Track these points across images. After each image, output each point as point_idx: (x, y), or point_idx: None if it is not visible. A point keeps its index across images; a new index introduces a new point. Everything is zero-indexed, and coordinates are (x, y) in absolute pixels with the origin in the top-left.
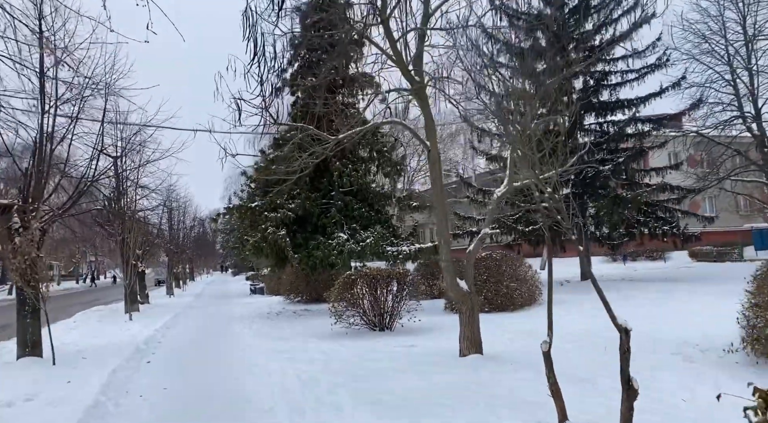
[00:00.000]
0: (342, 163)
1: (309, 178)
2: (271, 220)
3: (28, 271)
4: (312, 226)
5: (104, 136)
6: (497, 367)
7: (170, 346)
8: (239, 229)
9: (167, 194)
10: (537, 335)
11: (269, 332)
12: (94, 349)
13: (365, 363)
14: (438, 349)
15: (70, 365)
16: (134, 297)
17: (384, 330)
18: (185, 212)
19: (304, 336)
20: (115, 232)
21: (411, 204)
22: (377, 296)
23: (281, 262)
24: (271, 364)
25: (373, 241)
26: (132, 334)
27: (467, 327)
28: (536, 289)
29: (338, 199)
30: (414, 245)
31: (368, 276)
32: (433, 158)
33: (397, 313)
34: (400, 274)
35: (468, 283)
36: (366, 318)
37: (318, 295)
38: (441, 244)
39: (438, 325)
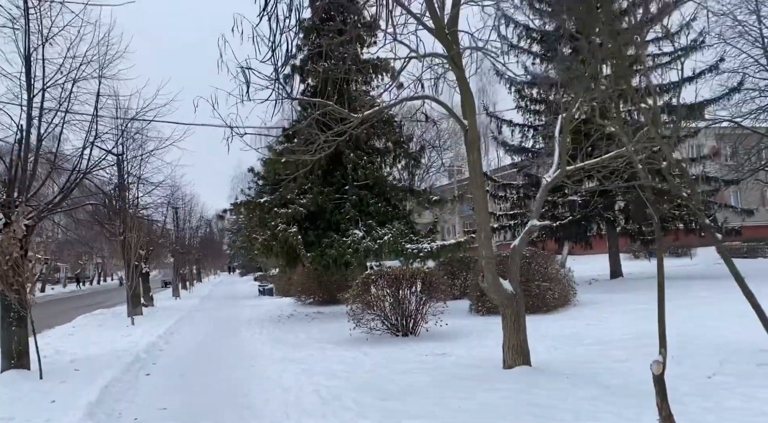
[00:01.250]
0: (356, 154)
1: (321, 171)
2: (281, 217)
3: (10, 273)
4: (325, 223)
5: (100, 124)
6: (551, 382)
7: (173, 354)
8: (247, 228)
9: (171, 192)
10: (581, 341)
11: (281, 338)
12: (89, 359)
13: (394, 376)
14: (475, 359)
15: (59, 379)
16: (137, 300)
17: (407, 335)
18: (191, 211)
19: (320, 342)
20: (115, 231)
21: (431, 198)
22: (400, 298)
23: (292, 262)
24: (286, 377)
25: (392, 238)
26: (132, 341)
27: (512, 334)
28: (569, 290)
29: (353, 194)
30: (435, 242)
31: (390, 276)
32: (471, 139)
33: (422, 317)
34: (426, 274)
35: (513, 283)
36: (387, 322)
37: (331, 296)
38: (481, 238)
39: (466, 330)
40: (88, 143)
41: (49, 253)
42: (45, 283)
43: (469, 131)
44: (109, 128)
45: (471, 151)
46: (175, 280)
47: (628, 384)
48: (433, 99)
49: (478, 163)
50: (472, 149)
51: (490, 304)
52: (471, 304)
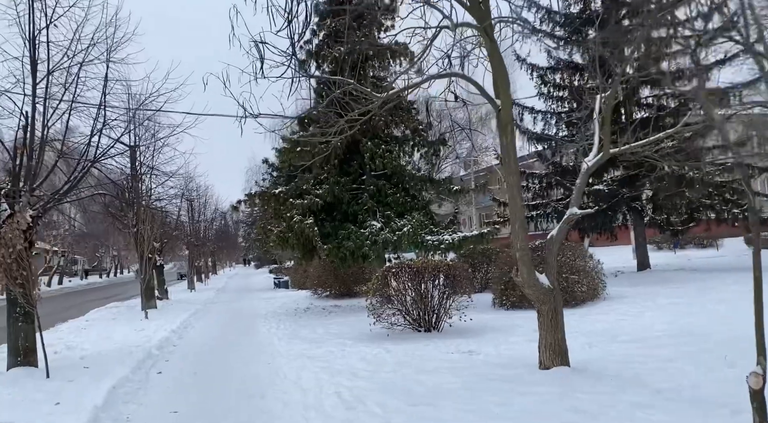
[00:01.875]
0: (374, 143)
1: (338, 161)
2: (297, 208)
3: (14, 267)
4: (341, 214)
5: (108, 111)
6: (594, 384)
7: (186, 350)
8: (262, 219)
9: (186, 183)
10: (616, 337)
11: (299, 333)
12: (100, 355)
13: (421, 376)
14: (505, 358)
15: (67, 377)
16: (151, 293)
17: (430, 331)
18: (206, 203)
19: (339, 338)
20: (128, 222)
21: (451, 188)
22: (422, 292)
23: (308, 254)
24: (305, 376)
25: (411, 229)
26: (145, 336)
27: (549, 332)
28: (599, 282)
29: (370, 184)
30: (456, 233)
31: (412, 269)
32: (505, 119)
33: (446, 312)
34: (450, 267)
35: (550, 277)
36: (409, 317)
37: (348, 289)
38: (515, 229)
39: (492, 325)
40: (96, 130)
41: (66, 245)
42: (63, 275)
43: (503, 111)
44: (118, 115)
45: (504, 134)
46: (190, 272)
47: (681, 388)
48: (463, 76)
49: (512, 146)
50: (505, 131)
51: (515, 297)
52: (494, 298)
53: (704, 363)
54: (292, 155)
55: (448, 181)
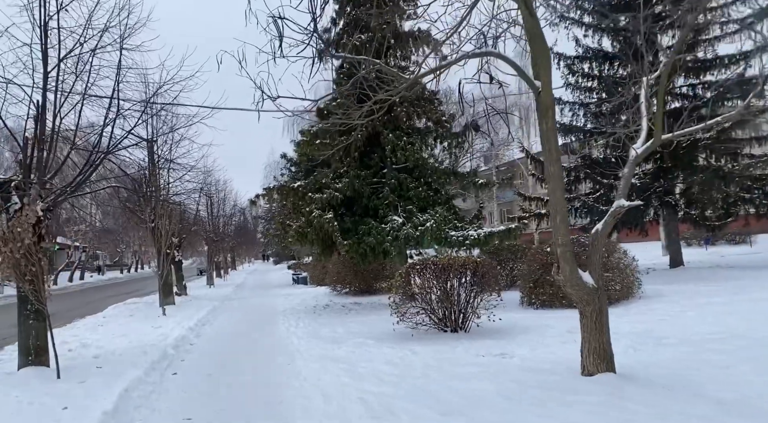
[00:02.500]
0: (395, 135)
1: (358, 154)
2: (316, 202)
3: (22, 262)
4: (362, 209)
5: (123, 101)
6: (646, 394)
7: (203, 350)
8: (280, 214)
9: (204, 178)
10: (661, 340)
11: (319, 331)
12: (114, 354)
13: (452, 382)
14: (542, 361)
15: (78, 378)
16: (169, 289)
17: (457, 331)
18: (225, 199)
19: (360, 337)
20: (145, 217)
21: (476, 181)
22: (449, 290)
23: (327, 250)
24: (326, 380)
25: (435, 224)
26: (162, 334)
27: (594, 335)
28: (634, 280)
29: (391, 178)
30: (482, 229)
31: (437, 266)
32: (545, 103)
33: (474, 311)
34: (478, 264)
35: (594, 275)
36: (434, 316)
37: (368, 286)
38: (556, 222)
39: (522, 325)
40: (109, 120)
41: (87, 241)
42: (84, 270)
43: (543, 94)
44: (132, 105)
45: (545, 118)
46: (210, 268)
47: (747, 399)
48: (500, 56)
49: (553, 132)
50: (546, 116)
51: (545, 296)
52: (522, 296)
53: (767, 370)
54: (311, 148)
55: (472, 174)
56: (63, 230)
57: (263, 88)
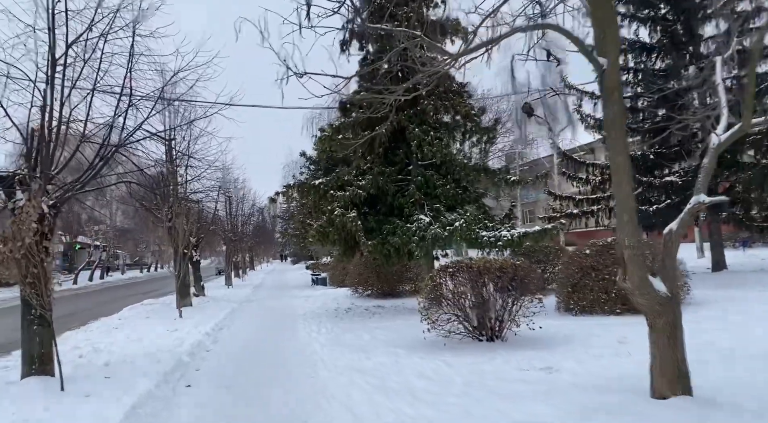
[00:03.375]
0: (422, 129)
1: (382, 149)
2: (339, 200)
3: (23, 264)
4: (386, 207)
5: (135, 91)
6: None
7: (220, 358)
8: (300, 213)
9: (223, 175)
10: (732, 353)
11: (342, 338)
12: (125, 362)
13: (500, 404)
14: (596, 377)
15: (84, 391)
16: (186, 290)
17: (493, 340)
18: (243, 198)
19: (388, 346)
20: (162, 216)
21: (508, 178)
22: (484, 296)
23: (350, 251)
24: (355, 397)
25: (465, 224)
26: (177, 338)
27: (666, 352)
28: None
29: (417, 174)
30: (515, 229)
31: (472, 268)
32: (611, 83)
33: (512, 318)
34: (516, 267)
35: (669, 283)
36: (468, 324)
37: (391, 288)
38: (623, 220)
39: (563, 334)
40: (121, 111)
41: (107, 240)
42: (104, 269)
43: (609, 72)
44: (145, 94)
45: (610, 101)
46: (228, 268)
47: None
48: (558, 29)
49: (620, 117)
50: (611, 98)
51: (585, 302)
52: (559, 302)
53: None
54: (333, 143)
55: (504, 171)
56: (84, 229)
57: (288, 63)
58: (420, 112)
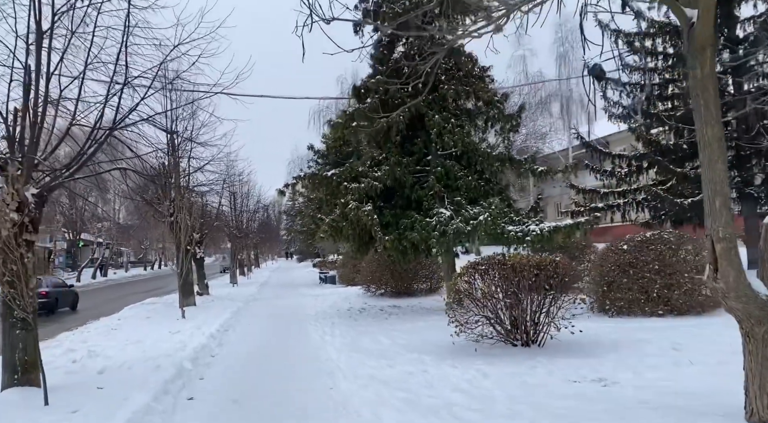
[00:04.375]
0: (442, 116)
1: (400, 137)
2: (353, 193)
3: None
4: (403, 200)
5: (132, 68)
6: None
7: (226, 364)
8: (310, 208)
9: (227, 168)
10: None
11: (360, 342)
12: (122, 369)
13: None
14: (664, 393)
15: (71, 405)
16: (189, 289)
17: (529, 345)
18: (249, 193)
19: (412, 351)
20: (163, 210)
21: (535, 168)
22: (520, 296)
23: (364, 247)
24: (386, 418)
25: (490, 218)
26: (180, 341)
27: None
28: None
29: (437, 165)
30: (544, 223)
31: (505, 265)
32: (702, 39)
33: (552, 321)
34: (556, 264)
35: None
36: (501, 327)
37: (405, 287)
38: (715, 207)
39: (605, 339)
40: (116, 90)
41: (111, 237)
42: (108, 267)
43: (699, 26)
44: (141, 72)
45: (701, 61)
46: (233, 265)
47: None
48: None
49: (711, 81)
50: (702, 56)
51: (622, 302)
52: (592, 301)
53: None
54: (347, 131)
55: (530, 161)
56: (87, 226)
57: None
58: (440, 97)
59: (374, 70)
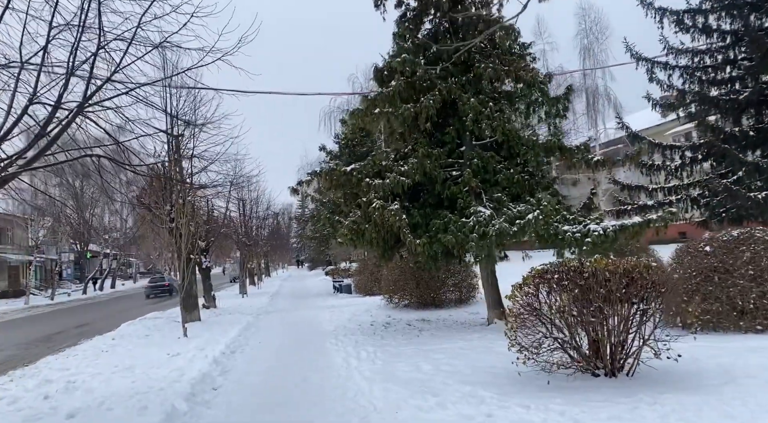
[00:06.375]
0: (479, 99)
1: (431, 124)
2: (376, 190)
3: None
4: (433, 198)
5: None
6: None
7: (231, 403)
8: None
9: (235, 168)
10: None
11: (395, 369)
12: (101, 409)
13: None
14: None
15: None
16: (193, 302)
17: (615, 374)
18: (258, 199)
19: (464, 382)
20: (162, 214)
21: (590, 158)
22: (604, 312)
23: (389, 252)
24: None
25: (541, 216)
26: (177, 369)
27: None
28: None
29: (473, 156)
30: (604, 221)
31: (582, 274)
32: None
33: (645, 344)
34: (651, 271)
35: None
36: (577, 352)
37: (433, 297)
38: None
39: (708, 363)
40: (86, 58)
41: (119, 248)
42: (115, 278)
43: None
44: (118, 35)
45: None
46: (242, 275)
47: None
48: None
49: None
50: None
51: (710, 315)
52: (669, 315)
53: None
54: (368, 119)
55: (584, 149)
56: (93, 237)
57: None
58: (475, 79)
59: (398, 49)
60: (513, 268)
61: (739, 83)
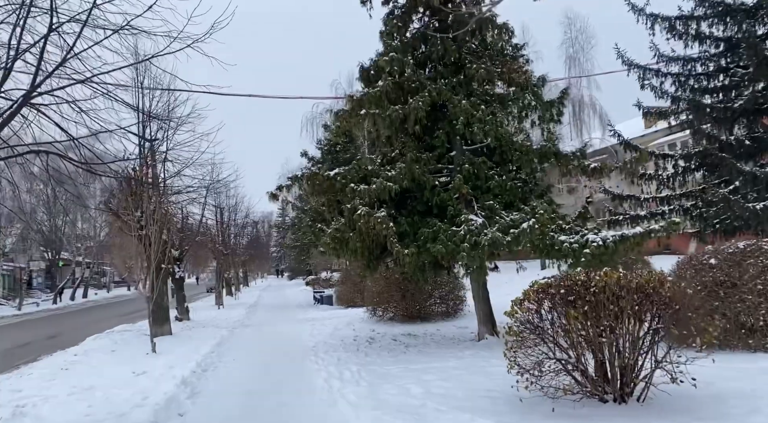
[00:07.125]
0: (470, 102)
1: (420, 127)
2: (361, 196)
3: None
4: (422, 205)
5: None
6: None
7: None
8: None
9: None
10: None
11: (382, 393)
12: None
13: None
14: None
15: None
16: (164, 315)
17: (625, 400)
18: (236, 206)
19: (461, 410)
20: (131, 221)
21: (587, 165)
22: (614, 331)
23: (375, 263)
24: None
25: (537, 225)
26: (141, 391)
27: None
28: None
29: (463, 162)
30: (603, 231)
31: (589, 290)
32: None
33: (658, 366)
34: (665, 287)
35: None
36: (584, 376)
37: (419, 311)
38: None
39: (724, 387)
40: (30, 41)
41: (92, 256)
42: (87, 287)
43: None
44: (74, 14)
45: None
46: (218, 286)
47: None
48: None
49: None
50: None
51: (717, 332)
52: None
53: None
54: (353, 120)
55: (581, 155)
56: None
57: None
58: (466, 80)
59: (386, 48)
60: (504, 279)
61: (734, 91)
